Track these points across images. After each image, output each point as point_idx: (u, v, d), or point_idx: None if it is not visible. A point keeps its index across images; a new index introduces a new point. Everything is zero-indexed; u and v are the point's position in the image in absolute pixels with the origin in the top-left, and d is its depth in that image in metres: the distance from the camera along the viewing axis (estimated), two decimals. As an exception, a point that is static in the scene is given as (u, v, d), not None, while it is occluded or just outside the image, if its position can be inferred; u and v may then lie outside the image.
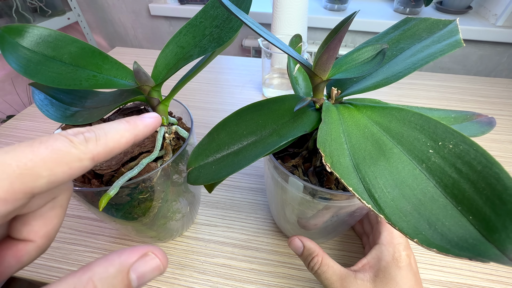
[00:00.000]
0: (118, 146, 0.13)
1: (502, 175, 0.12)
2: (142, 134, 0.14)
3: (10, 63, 0.21)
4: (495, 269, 0.32)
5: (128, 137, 0.13)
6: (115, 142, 0.12)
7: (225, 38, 0.23)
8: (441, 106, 0.58)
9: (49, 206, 0.13)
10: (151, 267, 0.11)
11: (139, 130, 0.14)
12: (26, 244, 0.12)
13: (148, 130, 0.14)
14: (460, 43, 0.18)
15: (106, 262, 0.10)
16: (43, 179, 0.10)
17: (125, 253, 0.11)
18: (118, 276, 0.10)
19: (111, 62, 0.24)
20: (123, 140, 0.13)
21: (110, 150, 0.12)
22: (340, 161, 0.16)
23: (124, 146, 0.13)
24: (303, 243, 0.26)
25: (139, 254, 0.11)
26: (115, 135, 0.13)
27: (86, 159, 0.11)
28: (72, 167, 0.11)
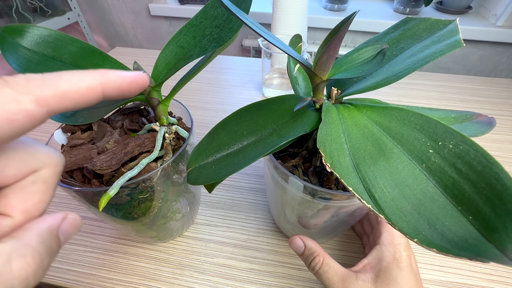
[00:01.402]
0: (76, 90, 0.11)
1: (502, 175, 0.12)
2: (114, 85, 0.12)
3: (10, 63, 0.21)
4: (495, 269, 0.32)
5: (91, 82, 0.11)
6: (70, 84, 0.10)
7: (225, 38, 0.23)
8: (441, 106, 0.58)
9: (30, 179, 0.12)
10: (72, 226, 0.13)
11: (109, 77, 0.11)
12: (2, 218, 0.11)
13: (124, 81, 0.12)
14: (460, 43, 0.18)
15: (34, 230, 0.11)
16: None
17: (49, 219, 0.12)
18: (52, 239, 0.12)
19: (111, 62, 0.24)
20: (83, 84, 0.11)
21: (63, 93, 0.10)
22: (340, 161, 0.16)
23: (87, 93, 0.11)
24: (304, 242, 0.26)
25: (60, 218, 0.12)
26: (72, 77, 0.11)
27: (27, 101, 0.10)
28: (7, 109, 0.09)
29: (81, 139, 0.26)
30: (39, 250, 0.11)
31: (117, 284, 0.31)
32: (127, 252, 0.34)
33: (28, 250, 0.10)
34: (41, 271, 0.11)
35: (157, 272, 0.32)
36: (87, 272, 0.32)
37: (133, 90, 0.13)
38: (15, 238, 0.11)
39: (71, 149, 0.25)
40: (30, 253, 0.10)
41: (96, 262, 0.33)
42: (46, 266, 0.11)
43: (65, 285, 0.31)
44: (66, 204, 0.39)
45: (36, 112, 0.10)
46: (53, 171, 0.13)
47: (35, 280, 0.11)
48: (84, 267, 0.33)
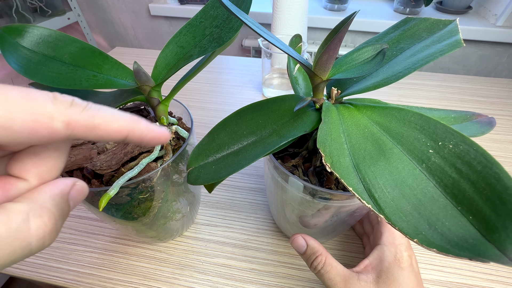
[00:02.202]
0: (105, 128, 0.11)
1: (502, 175, 0.12)
2: (139, 135, 0.13)
3: (10, 63, 0.21)
4: (495, 269, 0.32)
5: (122, 125, 0.12)
6: (104, 121, 0.11)
7: (225, 38, 0.23)
8: (441, 106, 0.58)
9: (43, 145, 0.12)
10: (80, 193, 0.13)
11: (139, 127, 0.12)
12: (18, 180, 0.12)
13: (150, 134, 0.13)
14: (460, 43, 0.18)
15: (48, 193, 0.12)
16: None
17: (60, 184, 0.12)
18: (63, 203, 0.12)
19: (111, 62, 0.24)
20: (115, 124, 0.12)
21: (94, 126, 0.11)
22: (340, 161, 0.16)
23: (114, 133, 0.12)
24: (306, 241, 0.26)
25: (70, 184, 0.13)
26: (109, 116, 0.11)
27: (60, 120, 0.10)
28: (38, 120, 0.10)
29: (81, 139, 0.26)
30: (54, 211, 0.11)
31: (117, 284, 0.31)
32: (127, 252, 0.34)
33: (44, 211, 0.11)
34: (55, 233, 0.11)
35: (157, 272, 0.32)
36: (87, 272, 0.32)
37: (153, 143, 0.13)
38: (30, 199, 0.11)
39: (71, 149, 0.25)
40: (46, 213, 0.11)
41: (96, 262, 0.33)
42: (59, 228, 0.12)
43: (65, 285, 0.31)
44: (66, 204, 0.39)
45: (60, 132, 0.11)
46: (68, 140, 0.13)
47: (50, 240, 0.11)
48: (84, 267, 0.33)
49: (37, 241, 0.10)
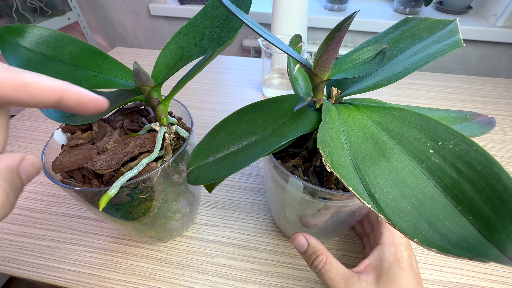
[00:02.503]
0: (36, 86, 0.11)
1: (502, 175, 0.12)
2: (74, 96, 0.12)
3: (10, 63, 0.21)
4: (495, 269, 0.32)
5: (54, 85, 0.12)
6: (34, 80, 0.11)
7: (225, 38, 0.23)
8: (441, 106, 0.58)
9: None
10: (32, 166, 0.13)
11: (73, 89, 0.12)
12: None
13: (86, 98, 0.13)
14: (460, 43, 0.18)
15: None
16: None
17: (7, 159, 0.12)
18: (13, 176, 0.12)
19: (111, 62, 0.24)
20: (46, 83, 0.11)
21: (24, 84, 0.11)
22: (340, 161, 0.16)
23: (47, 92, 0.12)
24: (307, 240, 0.26)
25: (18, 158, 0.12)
26: (38, 76, 0.11)
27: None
28: None
29: (81, 139, 0.26)
30: (2, 184, 0.11)
31: (117, 284, 0.31)
32: (127, 252, 0.34)
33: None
34: (8, 205, 0.11)
35: (157, 272, 0.32)
36: (87, 272, 0.32)
37: (90, 108, 0.13)
38: None
39: (71, 149, 0.25)
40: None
41: (96, 262, 0.33)
42: (12, 201, 0.12)
43: (65, 285, 0.31)
44: (66, 204, 0.39)
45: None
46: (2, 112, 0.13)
47: (4, 213, 0.11)
48: (84, 267, 0.33)
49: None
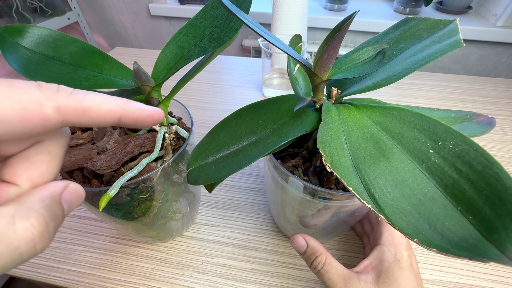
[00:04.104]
0: (96, 110, 0.11)
1: (502, 175, 0.12)
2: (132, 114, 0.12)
3: (10, 63, 0.21)
4: (495, 269, 0.32)
5: (113, 106, 0.12)
6: (94, 103, 0.11)
7: (225, 38, 0.23)
8: (441, 106, 0.58)
9: (35, 149, 0.12)
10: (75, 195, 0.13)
11: (129, 107, 0.12)
12: (9, 186, 0.12)
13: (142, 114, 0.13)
14: (460, 43, 0.18)
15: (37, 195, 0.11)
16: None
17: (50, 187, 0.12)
18: (54, 204, 0.11)
19: (111, 62, 0.24)
20: (105, 106, 0.11)
21: (84, 109, 0.11)
22: (340, 161, 0.16)
23: (105, 115, 0.12)
24: (306, 241, 0.26)
25: (62, 186, 0.12)
26: (98, 98, 0.11)
27: (49, 106, 0.10)
28: (27, 108, 0.10)
29: (81, 139, 0.26)
30: (43, 213, 0.11)
31: (117, 284, 0.31)
32: (127, 252, 0.34)
33: (32, 212, 0.11)
34: (47, 235, 0.11)
35: (157, 272, 0.32)
36: (87, 272, 0.32)
37: (148, 123, 0.13)
38: (18, 202, 0.11)
39: (71, 149, 0.25)
40: (34, 215, 0.10)
41: (96, 262, 0.33)
42: (52, 231, 0.11)
43: (65, 285, 0.31)
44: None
45: (51, 118, 0.10)
46: (58, 142, 0.13)
47: (41, 244, 0.11)
48: (84, 267, 0.33)
49: (26, 244, 0.10)
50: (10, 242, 0.10)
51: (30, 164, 0.12)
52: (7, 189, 0.12)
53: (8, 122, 0.10)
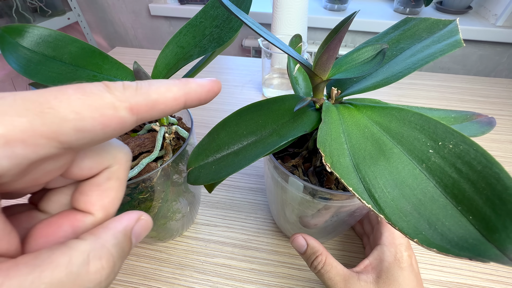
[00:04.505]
0: (163, 101, 0.11)
1: (502, 175, 0.12)
2: (194, 94, 0.12)
3: (10, 63, 0.21)
4: (495, 269, 0.32)
5: (176, 93, 0.11)
6: (159, 94, 0.11)
7: (225, 38, 0.23)
8: (441, 106, 0.58)
9: (105, 176, 0.12)
10: (144, 228, 0.13)
11: (191, 87, 0.12)
12: (84, 215, 0.12)
13: (203, 90, 0.12)
14: (460, 43, 0.18)
15: (111, 230, 0.11)
16: (68, 123, 0.09)
17: (124, 220, 0.12)
18: (125, 241, 0.11)
19: (111, 62, 0.24)
20: (170, 94, 0.11)
21: (152, 102, 0.10)
22: (340, 161, 0.16)
23: (172, 103, 0.11)
24: (306, 241, 0.26)
25: (135, 219, 0.12)
26: (160, 87, 0.11)
27: (122, 108, 0.10)
28: (105, 114, 0.09)
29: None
30: (113, 253, 0.11)
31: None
32: (127, 252, 0.34)
33: (104, 252, 0.10)
34: (112, 276, 0.11)
35: (157, 272, 0.32)
36: (87, 272, 0.32)
37: (210, 98, 0.13)
38: (94, 235, 0.11)
39: (71, 149, 0.25)
40: (105, 255, 0.10)
41: (96, 262, 0.33)
42: (117, 271, 0.11)
43: (65, 285, 0.31)
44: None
45: (127, 120, 0.10)
46: (124, 167, 0.13)
47: (106, 286, 0.10)
48: (84, 267, 0.33)
49: (94, 286, 0.10)
50: (81, 284, 0.09)
51: (102, 192, 0.12)
52: (83, 219, 0.12)
53: (91, 131, 0.09)
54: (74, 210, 0.12)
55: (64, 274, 0.09)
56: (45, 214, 0.12)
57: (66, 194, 0.12)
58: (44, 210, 0.12)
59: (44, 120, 0.08)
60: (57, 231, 0.11)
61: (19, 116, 0.08)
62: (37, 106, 0.08)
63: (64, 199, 0.12)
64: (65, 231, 0.11)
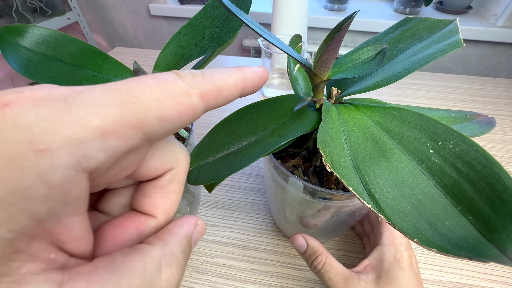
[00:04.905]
0: (227, 87, 0.11)
1: (502, 175, 0.12)
2: (250, 80, 0.12)
3: (10, 63, 0.21)
4: (495, 269, 0.32)
5: (236, 78, 0.11)
6: (222, 80, 0.11)
7: (225, 38, 0.23)
8: (441, 106, 0.58)
9: (168, 178, 0.12)
10: (200, 234, 0.13)
11: (246, 74, 0.12)
12: (148, 218, 0.12)
13: (256, 77, 0.12)
14: (460, 43, 0.18)
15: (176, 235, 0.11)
16: (152, 111, 0.09)
17: (185, 225, 0.12)
18: (188, 246, 0.12)
19: (111, 62, 0.24)
20: (231, 80, 0.11)
21: (218, 88, 0.11)
22: (340, 161, 0.16)
23: (233, 90, 0.11)
24: (306, 241, 0.26)
25: (194, 224, 0.12)
26: (222, 73, 0.11)
27: (194, 94, 0.10)
28: (181, 101, 0.09)
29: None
30: (181, 260, 0.11)
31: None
32: (127, 252, 0.34)
33: (173, 259, 0.10)
34: (179, 284, 0.11)
35: (157, 272, 0.32)
36: (87, 272, 0.32)
37: (261, 85, 0.13)
38: (162, 241, 0.11)
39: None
40: (175, 262, 0.10)
41: (96, 262, 0.33)
42: (182, 279, 0.11)
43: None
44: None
45: (199, 107, 0.10)
46: (185, 170, 0.13)
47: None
48: (84, 267, 0.33)
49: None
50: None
51: (165, 194, 0.12)
52: (147, 222, 0.12)
53: (169, 120, 0.09)
54: (137, 213, 0.12)
55: (140, 281, 0.09)
56: (106, 215, 0.12)
57: (125, 195, 0.12)
58: (104, 211, 0.12)
59: (132, 110, 0.08)
60: (124, 234, 0.11)
61: (111, 106, 0.08)
62: (124, 95, 0.08)
63: (123, 200, 0.12)
64: (131, 234, 0.11)
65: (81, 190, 0.08)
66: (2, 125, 0.07)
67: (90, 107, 0.08)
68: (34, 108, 0.07)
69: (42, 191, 0.07)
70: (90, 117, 0.08)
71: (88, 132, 0.08)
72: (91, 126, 0.08)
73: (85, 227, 0.09)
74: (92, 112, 0.08)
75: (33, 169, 0.07)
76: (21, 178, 0.07)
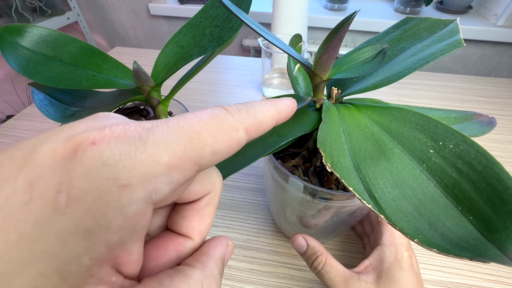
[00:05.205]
0: (266, 121, 0.12)
1: (502, 175, 0.12)
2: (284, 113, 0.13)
3: (10, 63, 0.21)
4: (495, 269, 0.32)
5: (273, 112, 0.12)
6: (263, 114, 0.11)
7: (225, 38, 0.23)
8: (441, 106, 0.58)
9: (205, 201, 0.13)
10: (230, 254, 0.13)
11: (281, 107, 0.12)
12: (185, 240, 0.12)
13: (288, 109, 0.13)
14: (460, 42, 0.18)
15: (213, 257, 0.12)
16: (208, 147, 0.09)
17: (219, 246, 0.13)
18: (223, 268, 0.12)
19: (111, 62, 0.24)
20: (269, 114, 0.12)
21: (259, 123, 0.11)
22: (341, 161, 0.16)
23: (270, 122, 0.12)
24: (307, 241, 0.26)
25: (225, 245, 0.13)
26: (262, 107, 0.12)
27: (241, 129, 0.10)
28: (231, 136, 0.10)
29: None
30: (219, 281, 0.11)
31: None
32: (127, 252, 0.34)
33: (213, 281, 0.11)
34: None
35: (157, 272, 0.32)
36: (87, 272, 0.32)
37: (290, 116, 0.13)
38: (201, 263, 0.11)
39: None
40: (214, 284, 0.11)
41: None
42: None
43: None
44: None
45: (243, 141, 0.11)
46: (219, 193, 0.13)
47: None
48: (84, 267, 0.33)
49: None
50: None
51: (201, 217, 0.13)
52: (185, 243, 0.12)
53: (221, 153, 0.10)
54: (175, 234, 0.12)
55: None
56: None
57: (161, 216, 0.13)
58: None
59: (192, 146, 0.09)
60: (165, 255, 0.12)
61: (177, 143, 0.09)
62: (187, 132, 0.09)
63: (160, 221, 0.13)
64: (170, 255, 0.12)
65: (147, 219, 0.09)
66: (92, 163, 0.08)
67: (161, 145, 0.09)
68: (117, 146, 0.08)
69: (120, 222, 0.08)
70: (161, 155, 0.09)
71: (159, 168, 0.09)
72: (161, 163, 0.09)
73: (142, 251, 0.10)
74: (163, 150, 0.09)
75: (115, 203, 0.08)
76: (106, 212, 0.08)
